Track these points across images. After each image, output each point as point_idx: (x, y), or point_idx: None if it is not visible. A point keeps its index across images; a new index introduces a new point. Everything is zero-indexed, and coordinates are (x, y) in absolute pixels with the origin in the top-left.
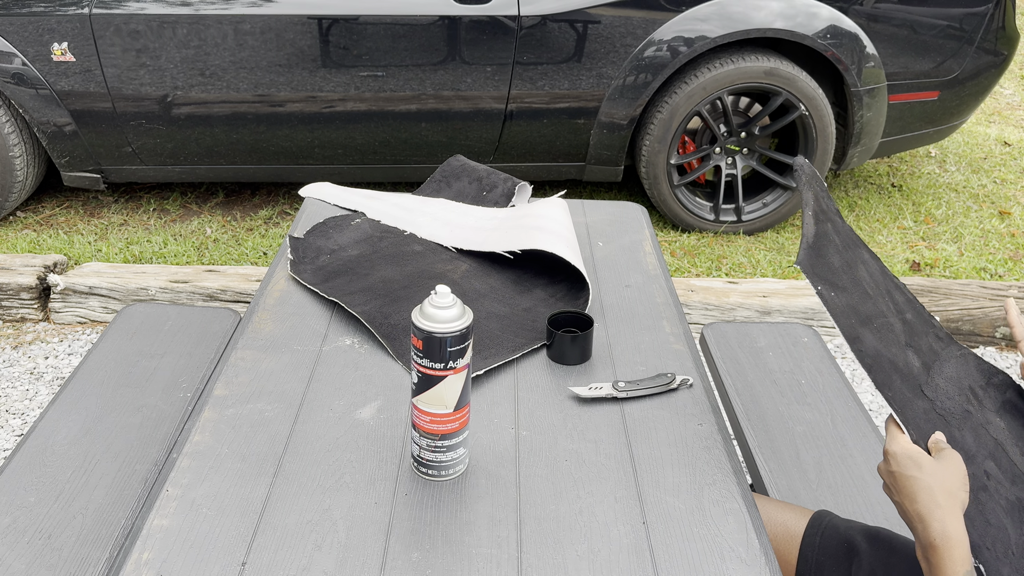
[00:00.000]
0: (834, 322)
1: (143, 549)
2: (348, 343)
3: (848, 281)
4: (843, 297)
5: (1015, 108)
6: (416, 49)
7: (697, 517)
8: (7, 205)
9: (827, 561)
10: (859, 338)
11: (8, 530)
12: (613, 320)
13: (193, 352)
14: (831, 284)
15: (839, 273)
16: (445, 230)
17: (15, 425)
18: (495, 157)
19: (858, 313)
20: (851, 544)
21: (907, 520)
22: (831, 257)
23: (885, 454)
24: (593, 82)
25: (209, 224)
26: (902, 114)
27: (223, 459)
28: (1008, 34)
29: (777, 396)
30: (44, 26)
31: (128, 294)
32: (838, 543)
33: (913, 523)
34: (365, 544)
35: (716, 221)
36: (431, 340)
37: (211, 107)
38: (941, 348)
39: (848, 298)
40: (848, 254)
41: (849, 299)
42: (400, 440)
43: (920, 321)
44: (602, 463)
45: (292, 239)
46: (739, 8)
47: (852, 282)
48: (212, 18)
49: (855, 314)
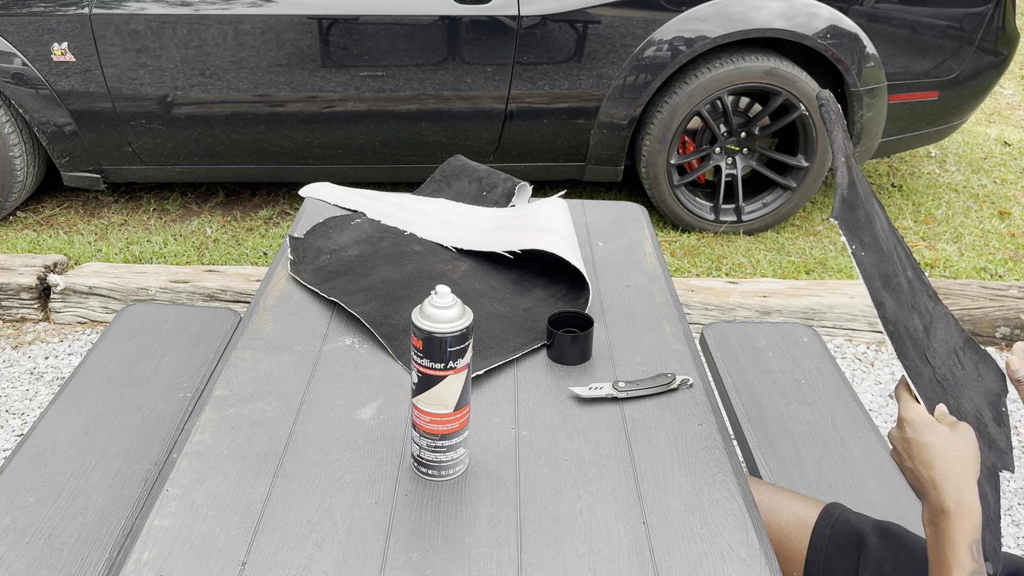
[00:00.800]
0: (865, 284)
1: (143, 549)
2: (348, 343)
3: (870, 237)
4: (870, 256)
5: (1015, 108)
6: (416, 49)
7: (697, 517)
8: (7, 205)
9: (836, 553)
10: (883, 303)
11: (8, 530)
12: (613, 320)
13: (193, 352)
14: (861, 242)
15: (864, 228)
16: (445, 230)
17: (15, 425)
18: (495, 157)
19: (881, 273)
20: (861, 537)
21: (918, 486)
22: (858, 211)
23: (900, 421)
24: (593, 82)
25: (209, 224)
26: (902, 114)
27: (223, 459)
28: (1008, 34)
29: (777, 396)
30: (44, 26)
31: (128, 294)
32: (848, 535)
33: (926, 488)
34: (365, 544)
35: (716, 221)
36: (431, 340)
37: (211, 107)
38: (932, 307)
39: (873, 257)
40: (868, 204)
41: (874, 258)
42: (400, 440)
43: (917, 278)
44: (602, 463)
45: (292, 239)
46: (739, 8)
47: (873, 239)
48: (212, 18)
49: (879, 275)
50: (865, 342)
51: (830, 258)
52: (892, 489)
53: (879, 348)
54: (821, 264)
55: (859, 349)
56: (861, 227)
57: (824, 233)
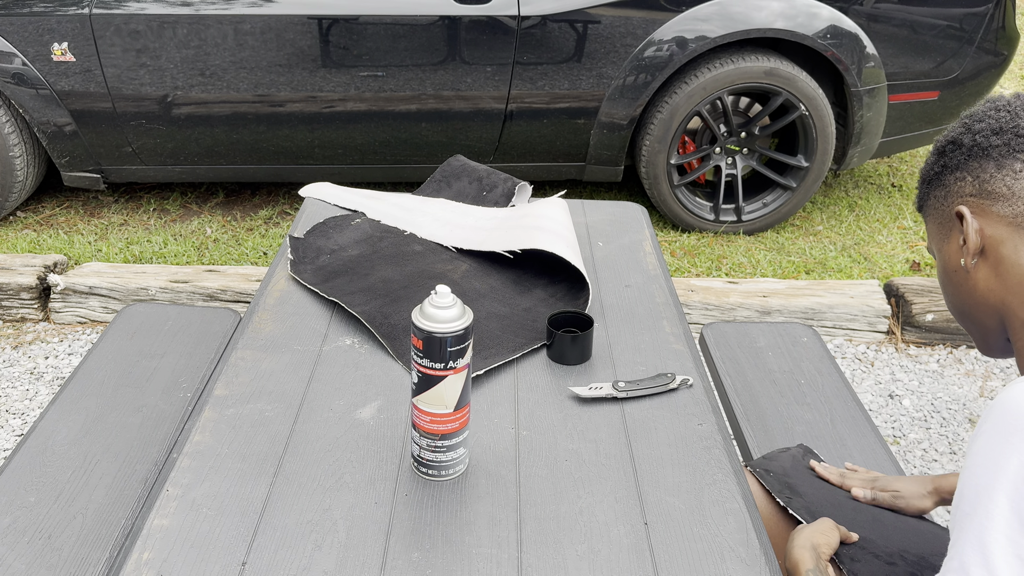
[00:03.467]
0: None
1: (143, 549)
2: (348, 343)
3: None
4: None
5: None
6: (416, 49)
7: (697, 517)
8: (7, 205)
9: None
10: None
11: (8, 530)
12: (613, 320)
13: (193, 352)
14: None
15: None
16: (445, 230)
17: (15, 425)
18: (495, 157)
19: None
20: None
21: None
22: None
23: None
24: (593, 82)
25: (209, 224)
26: (902, 114)
27: (223, 459)
28: (1008, 34)
29: (776, 396)
30: (44, 26)
31: (128, 294)
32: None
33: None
34: (365, 544)
35: (716, 221)
36: (431, 340)
37: (211, 107)
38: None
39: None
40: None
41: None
42: (400, 440)
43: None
44: (602, 463)
45: (292, 239)
46: (740, 8)
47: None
48: (212, 18)
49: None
50: (865, 342)
51: (830, 258)
52: None
53: (879, 348)
54: (821, 264)
55: (859, 349)
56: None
57: (824, 233)
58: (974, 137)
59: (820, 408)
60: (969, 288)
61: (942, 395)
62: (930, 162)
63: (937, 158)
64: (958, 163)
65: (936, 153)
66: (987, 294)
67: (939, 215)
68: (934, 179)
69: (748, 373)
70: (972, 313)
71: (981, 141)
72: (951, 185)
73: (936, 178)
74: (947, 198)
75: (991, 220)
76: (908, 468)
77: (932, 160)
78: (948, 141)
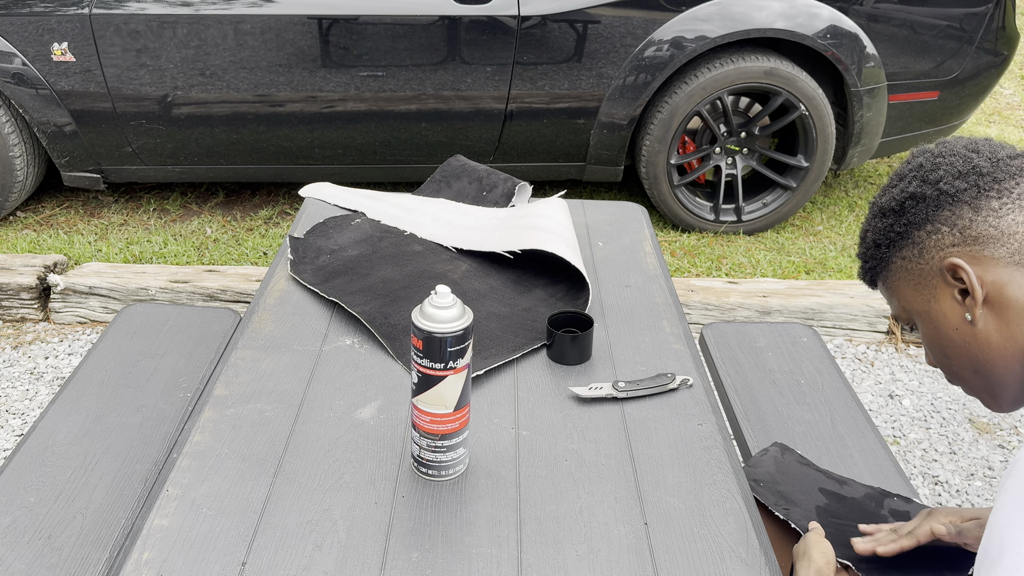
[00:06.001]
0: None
1: (143, 549)
2: (348, 343)
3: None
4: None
5: (1015, 108)
6: (416, 49)
7: (697, 517)
8: (7, 205)
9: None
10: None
11: (8, 530)
12: (613, 320)
13: (193, 352)
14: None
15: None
16: (445, 230)
17: (15, 425)
18: (495, 157)
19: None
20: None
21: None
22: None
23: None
24: (593, 82)
25: (209, 224)
26: (902, 114)
27: (223, 459)
28: (1008, 34)
29: (776, 396)
30: (44, 26)
31: (128, 294)
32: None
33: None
34: (365, 544)
35: (716, 221)
36: (431, 340)
37: (211, 107)
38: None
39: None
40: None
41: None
42: (400, 440)
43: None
44: (602, 463)
45: (292, 239)
46: (740, 8)
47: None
48: (212, 18)
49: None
50: (865, 342)
51: (830, 258)
52: (891, 489)
53: (879, 348)
54: (821, 264)
55: (859, 349)
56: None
57: (824, 233)
58: (937, 186)
59: (820, 408)
60: (981, 343)
61: (942, 395)
62: (882, 225)
63: (896, 218)
64: (925, 216)
65: (890, 213)
66: (1005, 342)
67: (914, 277)
68: (895, 241)
69: (748, 373)
70: (989, 368)
71: (947, 188)
72: (923, 241)
73: (899, 239)
74: (922, 256)
75: (987, 265)
76: (908, 468)
77: (886, 223)
78: (906, 197)
